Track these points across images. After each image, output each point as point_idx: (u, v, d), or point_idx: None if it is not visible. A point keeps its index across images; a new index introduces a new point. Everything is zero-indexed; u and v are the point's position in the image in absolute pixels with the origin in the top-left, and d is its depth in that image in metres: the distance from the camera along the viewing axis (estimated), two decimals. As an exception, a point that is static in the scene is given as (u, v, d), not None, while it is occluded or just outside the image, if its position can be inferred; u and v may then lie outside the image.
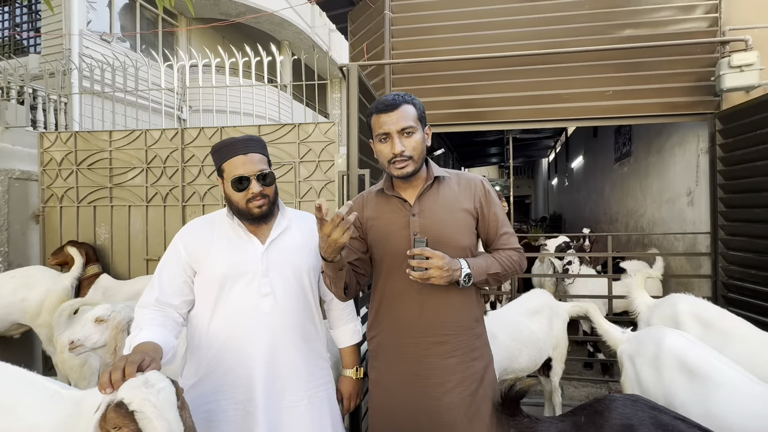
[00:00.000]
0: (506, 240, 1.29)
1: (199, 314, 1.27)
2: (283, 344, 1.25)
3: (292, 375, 1.25)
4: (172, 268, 1.27)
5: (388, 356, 1.28)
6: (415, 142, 1.19)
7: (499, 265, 1.23)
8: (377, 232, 1.28)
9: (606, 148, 5.97)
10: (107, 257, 3.55)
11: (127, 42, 8.08)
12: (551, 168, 12.28)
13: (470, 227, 1.27)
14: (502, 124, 3.28)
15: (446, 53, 3.32)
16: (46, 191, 3.58)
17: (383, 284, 1.29)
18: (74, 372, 2.35)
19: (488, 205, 1.28)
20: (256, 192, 1.21)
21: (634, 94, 3.13)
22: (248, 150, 1.23)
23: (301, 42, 10.78)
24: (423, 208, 1.25)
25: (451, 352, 1.22)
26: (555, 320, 2.67)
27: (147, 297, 1.24)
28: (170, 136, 3.49)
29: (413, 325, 1.24)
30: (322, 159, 3.35)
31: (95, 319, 1.86)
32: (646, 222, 4.46)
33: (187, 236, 1.29)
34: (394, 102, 1.19)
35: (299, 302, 1.30)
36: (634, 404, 1.19)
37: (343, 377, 1.45)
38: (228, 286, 1.23)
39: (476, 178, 1.31)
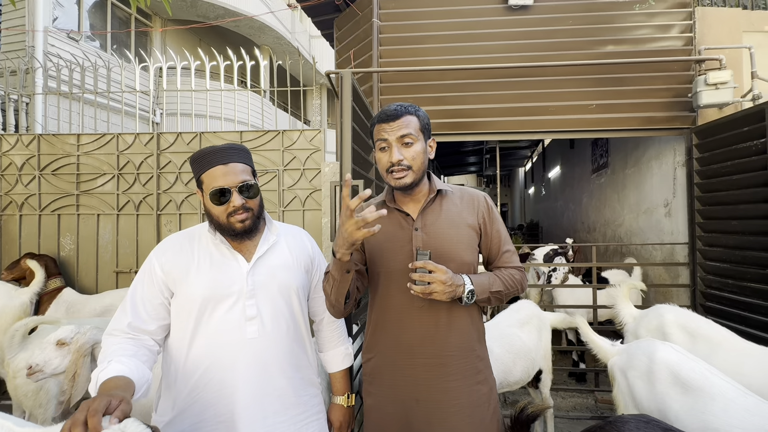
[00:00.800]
0: (508, 258, 1.26)
1: (175, 341, 1.14)
2: (271, 373, 1.13)
3: (281, 408, 1.14)
4: (146, 289, 1.13)
5: (385, 380, 1.20)
6: (414, 152, 1.15)
7: (501, 283, 1.19)
8: (377, 247, 1.21)
9: (583, 160, 6.15)
10: (72, 270, 3.30)
11: (96, 41, 7.71)
12: (528, 177, 12.59)
13: (473, 243, 1.22)
14: (488, 135, 3.30)
15: (434, 63, 3.32)
16: (4, 198, 3.31)
17: (381, 302, 1.22)
18: (28, 399, 2.13)
19: (491, 222, 1.25)
20: (238, 205, 1.11)
21: (614, 108, 3.22)
22: (229, 159, 1.13)
23: (281, 47, 10.65)
24: (426, 223, 1.20)
25: (453, 375, 1.16)
26: (543, 330, 2.68)
27: (118, 322, 1.10)
28: (145, 141, 3.31)
29: (413, 345, 1.17)
30: (308, 167, 3.25)
31: (57, 341, 1.69)
32: (624, 232, 4.59)
33: (164, 254, 1.16)
34: (396, 112, 1.16)
35: (288, 326, 1.19)
36: (648, 426, 1.16)
37: (334, 405, 1.34)
38: (209, 309, 1.11)
39: (479, 194, 1.27)
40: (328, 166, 3.22)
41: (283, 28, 10.79)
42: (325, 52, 11.60)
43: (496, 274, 1.21)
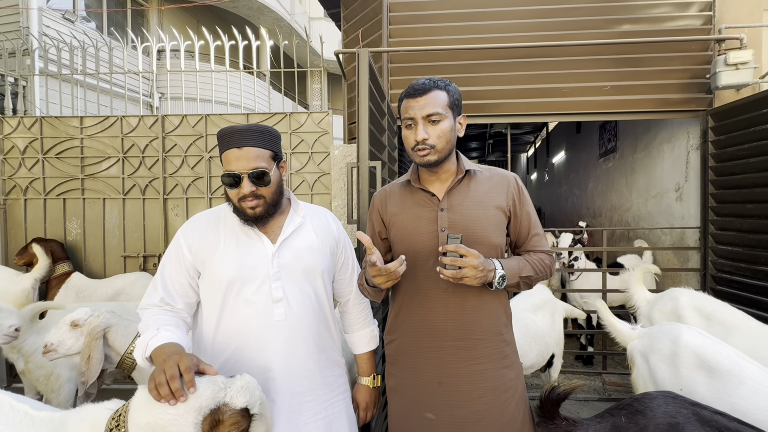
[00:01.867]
0: (537, 242, 1.22)
1: (204, 321, 1.15)
2: (298, 354, 1.14)
3: (309, 388, 1.15)
4: (174, 268, 1.15)
5: (408, 362, 1.19)
6: (440, 130, 1.11)
7: (531, 267, 1.16)
8: (401, 227, 1.19)
9: (590, 144, 6.08)
10: (79, 254, 3.28)
11: (92, 22, 7.51)
12: (530, 163, 12.51)
13: (501, 225, 1.18)
14: (498, 117, 3.23)
15: (446, 42, 3.22)
16: (7, 182, 3.25)
17: (405, 283, 1.19)
18: (41, 384, 2.14)
19: (521, 204, 1.20)
20: (246, 192, 1.08)
21: (629, 90, 3.15)
22: (245, 143, 1.09)
23: (280, 29, 10.41)
24: (452, 203, 1.17)
25: (479, 359, 1.13)
26: (556, 315, 2.68)
27: (151, 298, 1.13)
28: (149, 124, 3.24)
29: (438, 328, 1.15)
30: (315, 150, 3.20)
31: (71, 323, 1.71)
32: (632, 217, 4.57)
33: (192, 233, 1.16)
34: (424, 87, 1.11)
35: (314, 308, 1.19)
36: (675, 401, 1.15)
37: (360, 386, 1.35)
38: (236, 290, 1.11)
39: (509, 175, 1.22)
40: (337, 149, 3.17)
41: (283, 10, 10.53)
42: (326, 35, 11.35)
43: (526, 258, 1.18)
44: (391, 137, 2.79)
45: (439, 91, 1.12)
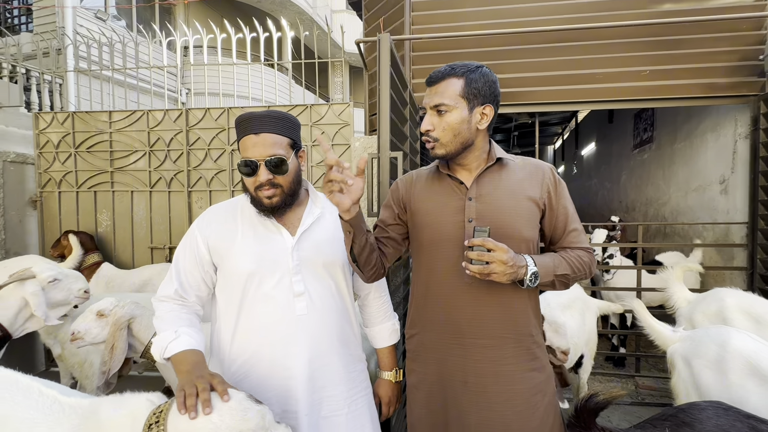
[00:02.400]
0: (575, 238, 1.12)
1: (224, 314, 1.12)
2: (322, 350, 1.11)
3: (331, 383, 1.12)
4: (188, 261, 1.12)
5: (430, 358, 1.12)
6: (445, 122, 1.04)
7: (567, 265, 1.06)
8: (425, 215, 1.12)
9: (623, 135, 5.76)
10: (110, 245, 3.38)
11: (123, 20, 7.75)
12: (557, 155, 12.07)
13: (534, 218, 1.09)
14: (529, 105, 3.08)
15: (470, 29, 3.09)
16: (43, 175, 3.39)
17: (426, 275, 1.13)
18: (75, 371, 2.22)
19: (557, 197, 1.11)
20: (263, 181, 1.04)
21: (670, 74, 2.93)
22: (262, 129, 1.05)
23: (302, 22, 10.37)
24: (481, 192, 1.08)
25: (507, 359, 1.06)
26: (587, 314, 2.55)
27: (166, 288, 1.12)
28: (174, 117, 3.29)
29: (462, 324, 1.07)
30: (336, 143, 3.16)
31: (97, 313, 1.75)
32: (669, 211, 4.30)
33: (207, 226, 1.12)
34: (437, 75, 1.06)
35: (335, 302, 1.15)
36: (728, 413, 1.04)
37: (381, 380, 1.31)
38: (255, 284, 1.08)
39: (545, 165, 1.13)
40: (358, 141, 3.12)
41: (305, 3, 10.52)
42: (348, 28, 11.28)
43: (562, 255, 1.09)
44: (413, 128, 2.71)
45: (454, 78, 1.04)
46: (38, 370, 3.31)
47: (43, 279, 1.87)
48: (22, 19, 7.20)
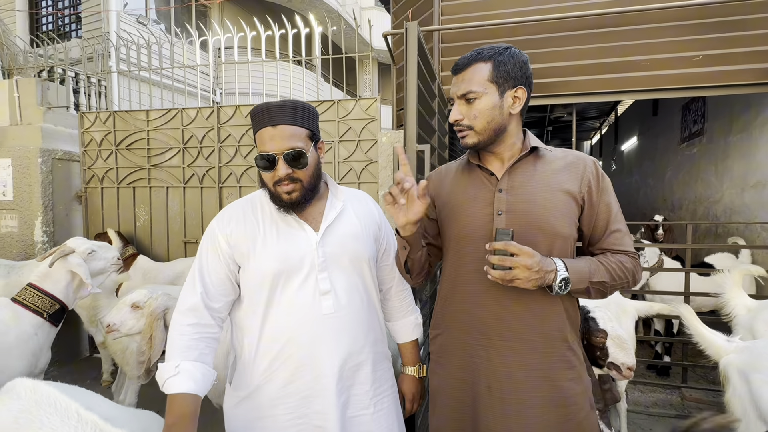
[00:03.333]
0: (618, 240, 1.00)
1: (248, 316, 1.07)
2: (349, 348, 1.07)
3: (359, 382, 1.09)
4: (212, 262, 1.06)
5: (453, 360, 1.06)
6: (477, 110, 0.97)
7: (606, 271, 0.95)
8: (452, 207, 1.07)
9: (669, 128, 5.38)
10: (147, 239, 3.53)
11: (162, 24, 8.11)
12: (594, 151, 11.50)
13: (571, 214, 0.99)
14: (566, 96, 2.91)
15: (502, 17, 2.95)
16: (87, 172, 3.58)
17: (452, 271, 1.07)
18: (117, 357, 2.32)
19: (599, 192, 1.00)
20: (282, 175, 1.00)
21: (725, 59, 2.66)
22: (279, 121, 1.00)
23: (332, 20, 10.49)
24: (513, 184, 1.01)
25: (536, 366, 0.98)
26: (623, 318, 2.38)
27: (189, 298, 1.04)
28: (206, 115, 3.37)
29: (488, 324, 1.00)
30: (363, 138, 3.12)
31: (132, 304, 1.78)
32: (722, 209, 3.96)
33: (228, 225, 1.07)
34: (464, 61, 0.99)
35: (362, 299, 1.11)
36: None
37: (405, 376, 1.27)
38: (281, 284, 1.04)
39: (586, 158, 1.03)
40: (385, 136, 3.07)
41: (334, 0, 10.58)
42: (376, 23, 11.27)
43: (600, 260, 0.98)
44: (442, 121, 2.62)
45: (481, 63, 0.97)
46: (82, 356, 3.52)
47: (83, 251, 2.00)
48: (72, 26, 7.69)
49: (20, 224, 3.40)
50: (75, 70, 4.66)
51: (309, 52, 8.69)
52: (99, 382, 3.02)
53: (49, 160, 3.41)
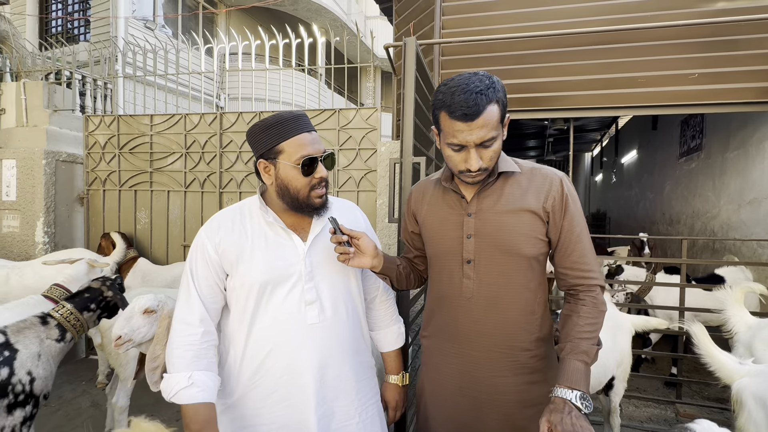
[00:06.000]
0: (579, 259, 1.01)
1: (234, 324, 1.08)
2: (333, 358, 1.09)
3: (343, 392, 1.10)
4: (202, 271, 1.06)
5: (433, 363, 1.15)
6: (493, 152, 0.96)
7: (588, 336, 0.96)
8: (429, 228, 1.13)
9: (668, 142, 5.42)
10: (147, 242, 3.56)
11: (169, 30, 8.22)
12: (595, 163, 11.54)
13: (536, 233, 1.01)
14: (564, 111, 2.95)
15: (503, 31, 3.00)
16: (90, 174, 3.62)
17: (433, 285, 1.16)
18: (112, 358, 2.32)
19: (563, 210, 1.01)
20: (324, 176, 1.05)
21: (723, 77, 2.70)
22: (312, 128, 1.07)
23: (337, 30, 10.62)
24: (482, 207, 1.04)
25: (502, 371, 1.05)
26: (619, 334, 2.38)
27: (189, 312, 1.04)
28: (209, 121, 3.42)
29: (461, 336, 1.08)
30: (363, 147, 3.16)
31: (143, 310, 1.65)
32: (719, 225, 3.97)
33: (216, 233, 1.07)
34: (477, 107, 0.90)
35: (347, 309, 1.13)
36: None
37: (388, 384, 1.29)
38: (267, 293, 1.05)
39: (554, 175, 1.04)
40: (384, 146, 3.10)
41: (339, 10, 10.74)
42: (380, 34, 11.41)
43: (575, 335, 0.97)
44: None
45: (492, 105, 0.92)
46: (78, 358, 3.52)
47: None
48: (81, 30, 7.80)
49: (22, 224, 3.44)
50: (82, 72, 4.73)
51: (313, 60, 8.79)
52: (94, 383, 3.02)
53: (53, 162, 3.45)
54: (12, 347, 1.52)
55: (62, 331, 1.69)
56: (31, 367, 1.54)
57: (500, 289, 1.03)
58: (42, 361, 1.58)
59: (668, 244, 5.21)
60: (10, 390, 1.46)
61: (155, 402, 2.67)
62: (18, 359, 1.51)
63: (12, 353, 1.51)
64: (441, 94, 0.96)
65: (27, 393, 1.51)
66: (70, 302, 1.79)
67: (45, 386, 1.59)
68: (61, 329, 1.69)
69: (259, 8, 9.12)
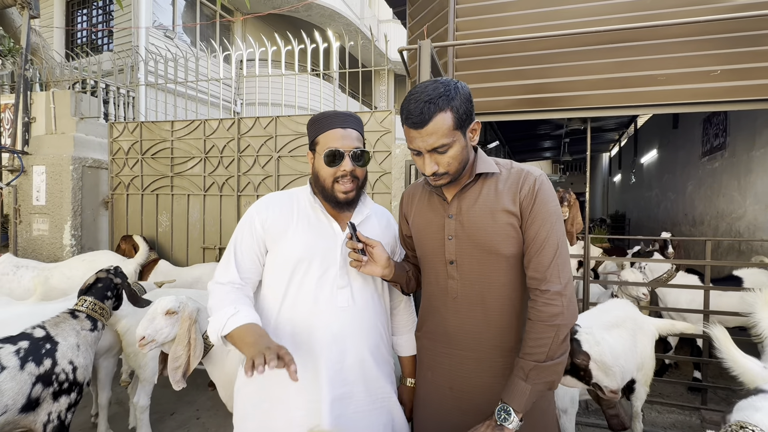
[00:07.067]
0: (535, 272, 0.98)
1: (268, 298, 1.15)
2: (357, 344, 1.13)
3: (362, 378, 1.13)
4: (246, 241, 1.14)
5: (424, 362, 1.19)
6: (449, 158, 0.98)
7: (526, 361, 0.95)
8: (416, 231, 1.17)
9: (690, 141, 5.27)
10: (168, 244, 3.66)
11: (188, 38, 8.46)
12: (614, 163, 11.29)
13: (513, 232, 1.01)
14: (581, 111, 2.91)
15: (517, 32, 2.99)
16: (114, 179, 3.75)
17: (424, 286, 1.20)
18: (131, 359, 2.36)
19: (531, 206, 0.99)
20: (348, 170, 1.10)
21: (747, 73, 2.62)
22: (347, 125, 1.14)
23: (350, 34, 10.73)
24: (461, 209, 1.06)
25: (489, 372, 1.06)
26: (639, 336, 2.32)
27: (226, 273, 1.12)
28: (227, 126, 3.50)
29: (450, 336, 1.10)
30: (377, 149, 3.19)
31: (165, 311, 1.70)
32: (744, 226, 3.84)
33: (265, 210, 1.16)
34: (422, 117, 0.93)
35: (374, 300, 1.19)
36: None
37: (405, 387, 1.32)
38: (302, 271, 1.11)
39: (529, 173, 1.03)
40: (398, 148, 3.12)
41: (353, 14, 10.84)
42: (393, 37, 11.47)
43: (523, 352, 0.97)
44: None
45: (442, 114, 0.93)
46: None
47: None
48: (105, 40, 8.10)
49: (51, 228, 3.58)
50: (106, 81, 4.92)
51: (327, 65, 8.89)
52: (118, 381, 3.12)
53: (79, 168, 3.59)
54: (53, 340, 1.64)
55: (93, 322, 1.81)
56: (72, 356, 1.66)
57: (483, 288, 1.05)
58: (81, 351, 1.70)
59: (691, 246, 5.06)
60: (54, 379, 1.57)
61: (175, 400, 2.74)
62: (59, 350, 1.63)
63: (53, 345, 1.62)
64: (402, 103, 1.00)
65: (71, 381, 1.62)
66: (89, 295, 1.90)
67: (86, 374, 1.71)
68: (91, 320, 1.81)
69: (275, 15, 9.29)
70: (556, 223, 0.99)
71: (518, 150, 9.24)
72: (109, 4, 7.94)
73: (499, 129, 6.18)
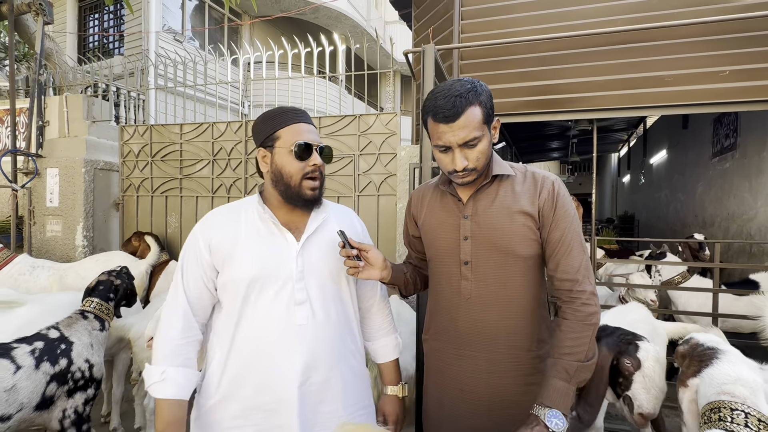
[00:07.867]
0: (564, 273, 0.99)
1: (222, 321, 1.06)
2: (320, 362, 1.05)
3: (328, 398, 1.06)
4: (191, 275, 1.05)
5: (433, 364, 1.18)
6: (479, 152, 0.99)
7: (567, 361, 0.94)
8: (428, 231, 1.15)
9: (700, 141, 5.20)
10: (177, 246, 3.71)
11: (197, 41, 8.57)
12: (622, 164, 11.18)
13: (530, 234, 1.03)
14: (588, 112, 2.89)
15: (523, 34, 2.99)
16: (125, 181, 3.82)
17: (433, 287, 1.18)
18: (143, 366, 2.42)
19: (554, 213, 1.01)
20: (318, 163, 1.06)
21: (755, 74, 2.59)
22: (308, 120, 1.10)
23: (357, 36, 10.78)
24: (477, 210, 1.06)
25: (501, 373, 1.06)
26: (655, 341, 2.31)
27: (174, 303, 1.05)
28: (235, 129, 3.55)
29: (461, 337, 1.09)
30: (383, 152, 3.21)
31: None
32: (756, 227, 3.78)
33: (210, 231, 1.07)
34: (455, 110, 0.94)
35: (338, 312, 1.10)
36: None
37: (387, 396, 1.24)
38: (257, 291, 1.03)
39: (547, 177, 1.06)
40: (404, 150, 3.14)
41: (359, 16, 10.90)
42: (400, 38, 11.49)
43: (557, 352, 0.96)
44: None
45: (472, 107, 0.95)
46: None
47: None
48: (116, 44, 8.25)
49: (64, 229, 3.66)
50: (117, 85, 5.01)
51: (333, 67, 8.96)
52: (128, 379, 3.17)
53: (91, 170, 3.67)
54: (67, 340, 1.70)
55: (101, 322, 1.89)
56: (88, 355, 1.73)
57: (498, 289, 1.05)
58: (95, 350, 1.78)
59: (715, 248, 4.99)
60: (69, 378, 1.63)
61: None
62: (75, 350, 1.69)
63: (68, 345, 1.68)
64: (427, 101, 1.01)
65: (87, 378, 1.69)
66: (94, 296, 1.96)
67: (101, 371, 1.78)
68: (99, 320, 1.88)
69: (282, 18, 9.37)
70: (578, 226, 1.03)
71: (525, 151, 9.19)
72: (120, 9, 8.08)
73: (505, 130, 6.16)
